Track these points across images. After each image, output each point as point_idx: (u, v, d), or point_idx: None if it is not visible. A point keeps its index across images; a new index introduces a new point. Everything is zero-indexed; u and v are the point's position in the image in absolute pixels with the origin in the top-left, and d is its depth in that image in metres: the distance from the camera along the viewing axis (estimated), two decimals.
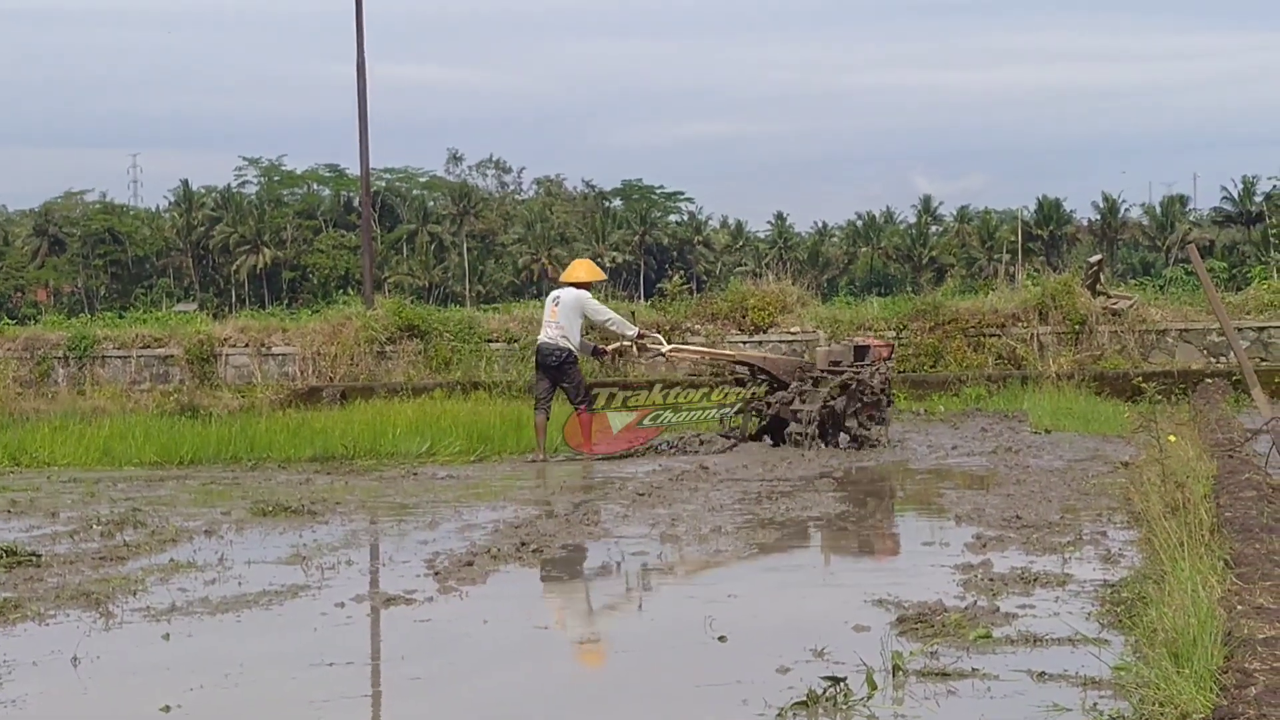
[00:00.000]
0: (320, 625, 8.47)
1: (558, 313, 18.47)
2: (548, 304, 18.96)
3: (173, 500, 14.51)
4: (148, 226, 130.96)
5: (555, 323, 18.44)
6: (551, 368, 18.40)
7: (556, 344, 18.38)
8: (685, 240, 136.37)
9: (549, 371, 18.43)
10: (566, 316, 18.42)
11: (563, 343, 18.37)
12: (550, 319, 18.56)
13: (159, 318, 35.93)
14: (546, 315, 18.73)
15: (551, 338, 18.44)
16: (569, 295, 18.59)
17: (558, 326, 18.41)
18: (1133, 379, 23.86)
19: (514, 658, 7.83)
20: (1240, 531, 8.90)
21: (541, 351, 18.56)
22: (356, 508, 13.69)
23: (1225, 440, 14.83)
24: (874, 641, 7.43)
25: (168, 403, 26.90)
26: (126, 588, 9.55)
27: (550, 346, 18.42)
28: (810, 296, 30.97)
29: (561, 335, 18.39)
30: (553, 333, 18.44)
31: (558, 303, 18.58)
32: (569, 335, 18.41)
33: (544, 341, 18.54)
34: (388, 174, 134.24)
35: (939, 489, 14.64)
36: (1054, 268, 45.65)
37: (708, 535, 11.56)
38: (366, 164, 36.95)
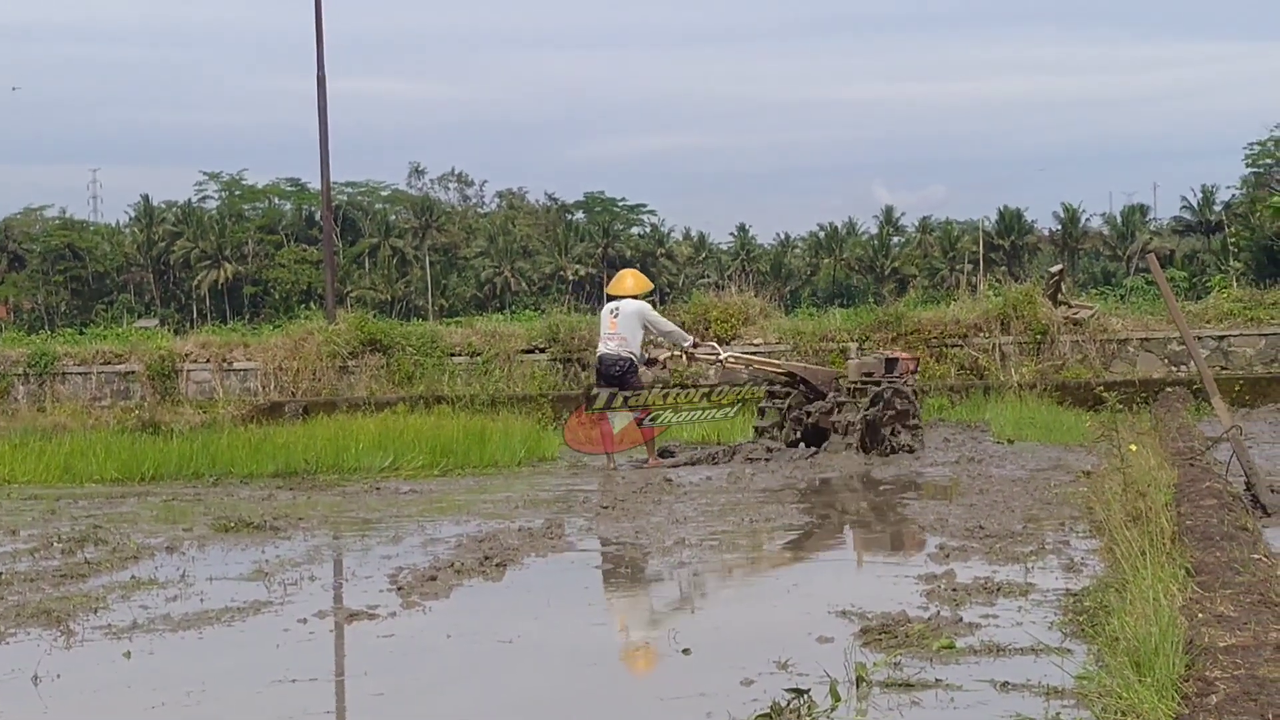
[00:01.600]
0: (283, 641, 8.44)
1: (617, 324, 18.76)
2: (605, 316, 19.15)
3: (134, 517, 14.44)
4: (108, 242, 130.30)
5: (616, 334, 18.73)
6: (615, 378, 18.63)
7: (619, 355, 18.67)
8: (648, 252, 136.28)
9: (611, 382, 18.64)
10: (627, 327, 18.70)
11: (625, 353, 18.66)
12: (610, 330, 18.84)
13: (120, 334, 35.76)
14: (605, 328, 18.98)
15: (613, 349, 18.72)
16: (629, 306, 18.86)
17: (619, 338, 18.69)
18: (1094, 388, 23.96)
19: (478, 672, 7.82)
20: (1201, 540, 8.94)
21: (604, 362, 18.82)
22: (319, 523, 13.65)
23: (1186, 449, 14.89)
24: (838, 653, 7.44)
25: (129, 419, 26.75)
26: (88, 605, 9.51)
27: (613, 357, 18.69)
28: (773, 308, 30.95)
29: (624, 346, 18.67)
30: (614, 344, 18.73)
31: (616, 314, 18.83)
32: (631, 346, 18.70)
33: (606, 353, 18.80)
34: (349, 188, 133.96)
35: (902, 499, 14.68)
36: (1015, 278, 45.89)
37: (671, 548, 11.56)
38: (327, 178, 36.85)
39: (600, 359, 18.95)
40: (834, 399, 19.14)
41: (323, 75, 36.08)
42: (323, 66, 36.09)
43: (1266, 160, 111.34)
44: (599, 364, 19.01)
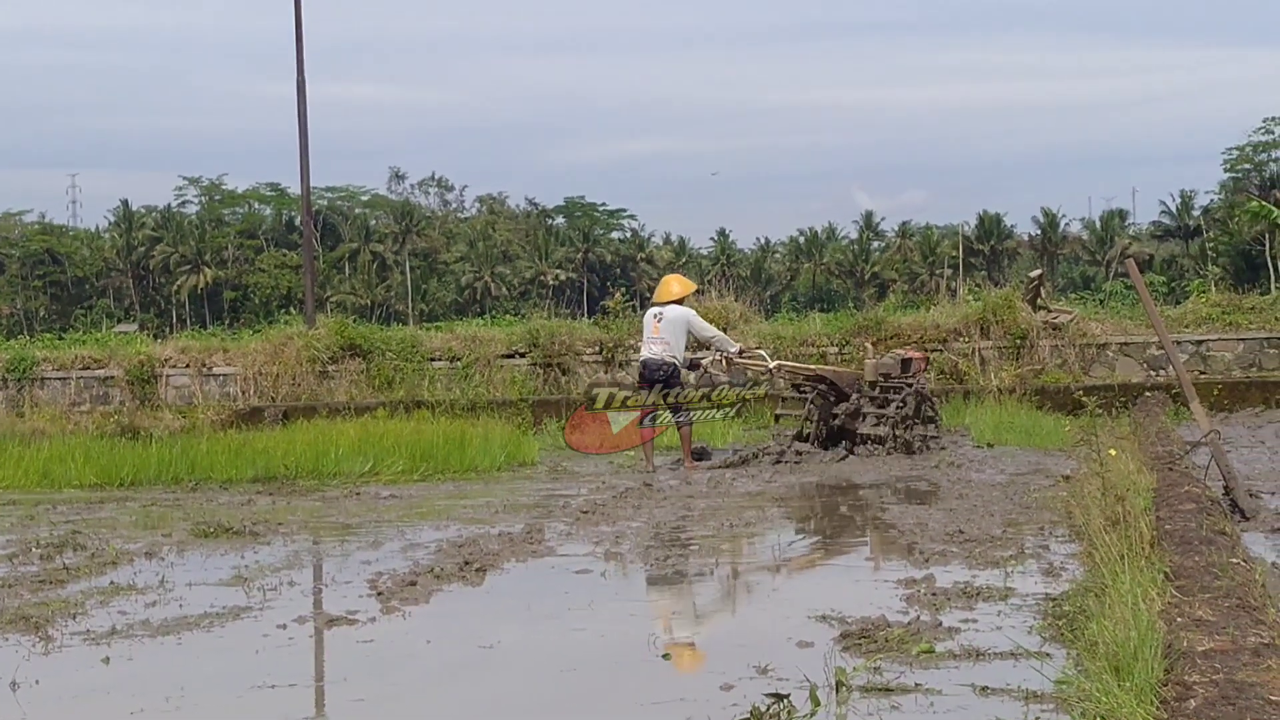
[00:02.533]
0: (262, 647, 8.42)
1: (660, 329, 18.74)
2: (649, 321, 19.07)
3: (113, 522, 14.40)
4: (87, 247, 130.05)
5: (659, 339, 18.70)
6: (659, 383, 18.62)
7: (664, 359, 18.64)
8: (628, 257, 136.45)
9: (655, 385, 18.65)
10: (671, 332, 18.69)
11: (669, 358, 18.63)
12: (653, 335, 18.78)
13: (99, 339, 35.60)
14: (649, 332, 18.91)
15: (657, 353, 18.69)
16: (674, 312, 18.84)
17: (663, 342, 18.67)
18: (1074, 393, 23.98)
19: (458, 678, 7.81)
20: (1180, 544, 8.95)
21: (648, 367, 18.74)
22: (299, 528, 13.62)
23: (1165, 453, 14.91)
24: (817, 657, 7.45)
25: (108, 424, 26.68)
26: (66, 611, 9.48)
27: (657, 362, 18.65)
28: (753, 313, 30.93)
29: (668, 351, 18.65)
30: (658, 349, 18.70)
31: (660, 319, 18.81)
32: (675, 350, 18.69)
33: (650, 357, 18.75)
34: (329, 192, 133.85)
35: (882, 504, 14.67)
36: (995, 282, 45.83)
37: (651, 553, 11.56)
38: (307, 183, 36.81)
39: (644, 363, 18.88)
40: (856, 400, 19.28)
41: (302, 80, 36.04)
42: (302, 71, 36.05)
43: (1244, 165, 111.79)
44: (642, 368, 18.94)
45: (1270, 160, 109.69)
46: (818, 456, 18.75)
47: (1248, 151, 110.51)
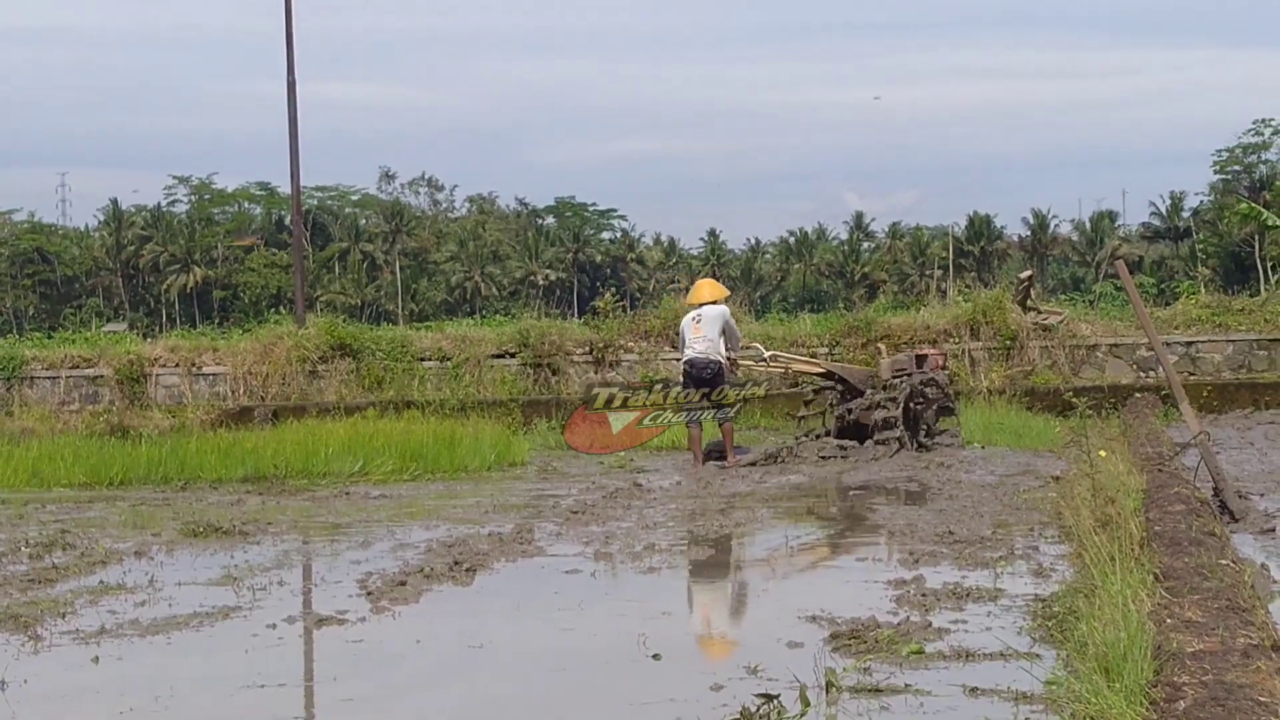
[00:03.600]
0: (252, 646, 8.41)
1: (701, 329, 19.12)
2: (688, 323, 19.44)
3: (102, 522, 14.38)
4: (77, 246, 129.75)
5: (702, 338, 19.11)
6: (706, 380, 18.98)
7: (710, 357, 19.03)
8: (618, 257, 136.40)
9: (701, 384, 19.01)
10: (712, 331, 19.09)
11: (715, 355, 19.05)
12: (695, 336, 19.18)
13: (88, 338, 35.54)
14: (689, 334, 19.29)
15: (703, 352, 19.06)
16: (712, 312, 19.23)
17: (706, 340, 19.09)
18: (1063, 394, 24.01)
19: (447, 678, 7.81)
20: (1170, 545, 8.97)
21: (695, 365, 19.09)
22: (288, 528, 13.61)
23: (1154, 454, 14.94)
24: (807, 658, 7.44)
25: (97, 423, 26.65)
26: (55, 610, 9.46)
27: (704, 360, 19.01)
28: (743, 313, 30.95)
29: (711, 349, 19.06)
30: (702, 347, 19.09)
31: (699, 320, 19.21)
32: (718, 348, 19.08)
33: (696, 356, 19.10)
34: (319, 192, 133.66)
35: (872, 504, 14.69)
36: (985, 283, 45.88)
37: (641, 553, 11.56)
38: (297, 182, 36.75)
39: (690, 363, 19.16)
40: (871, 396, 19.64)
41: (293, 79, 35.98)
42: (293, 70, 36.00)
43: (1234, 167, 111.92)
44: (688, 368, 19.22)
45: (1260, 162, 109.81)
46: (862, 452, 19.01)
47: (1237, 153, 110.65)
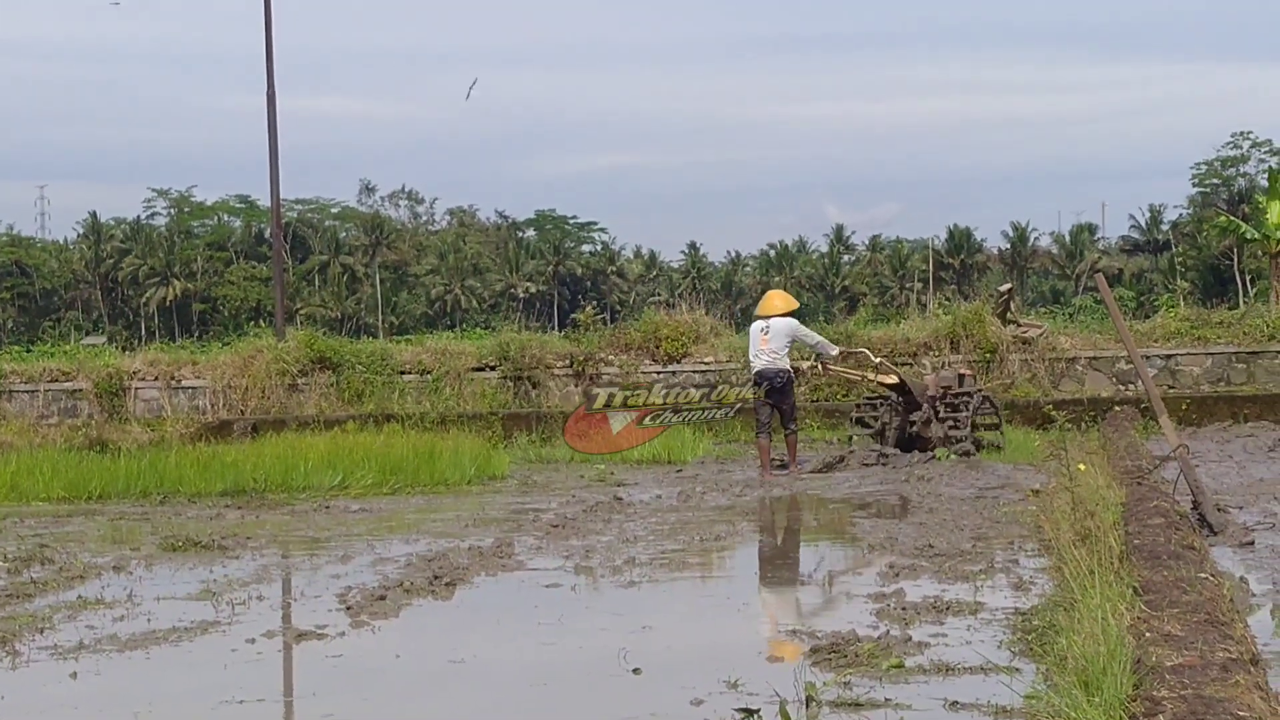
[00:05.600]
0: (231, 662, 8.39)
1: (768, 340, 19.49)
2: (755, 334, 19.79)
3: (81, 536, 14.34)
4: (55, 259, 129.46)
5: (769, 350, 19.49)
6: (777, 390, 19.43)
7: (779, 368, 19.46)
8: (599, 270, 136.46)
9: (772, 394, 19.44)
10: (779, 343, 19.49)
11: (784, 365, 19.51)
12: (762, 347, 19.56)
13: (67, 351, 35.46)
14: (757, 345, 19.69)
15: (771, 362, 19.46)
16: (780, 324, 19.60)
17: (773, 352, 19.47)
18: (1043, 407, 24.08)
19: (427, 692, 7.79)
20: (1149, 559, 8.97)
21: (765, 375, 19.46)
22: (268, 542, 13.59)
23: (1134, 468, 14.96)
24: (787, 672, 7.44)
25: (76, 437, 26.56)
26: (34, 626, 9.43)
27: (773, 370, 19.41)
28: (724, 326, 30.98)
29: (777, 359, 19.47)
30: (770, 358, 19.47)
31: (767, 331, 19.57)
32: (784, 359, 19.45)
33: (765, 367, 19.48)
34: (299, 205, 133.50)
35: (852, 518, 14.69)
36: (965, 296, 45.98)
37: (622, 567, 11.56)
38: (277, 195, 36.73)
39: (759, 373, 19.51)
40: (928, 410, 20.19)
41: (273, 92, 35.99)
42: (273, 84, 36.01)
43: (1213, 180, 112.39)
44: (758, 378, 19.53)
45: (1238, 175, 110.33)
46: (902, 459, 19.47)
47: (1216, 166, 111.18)
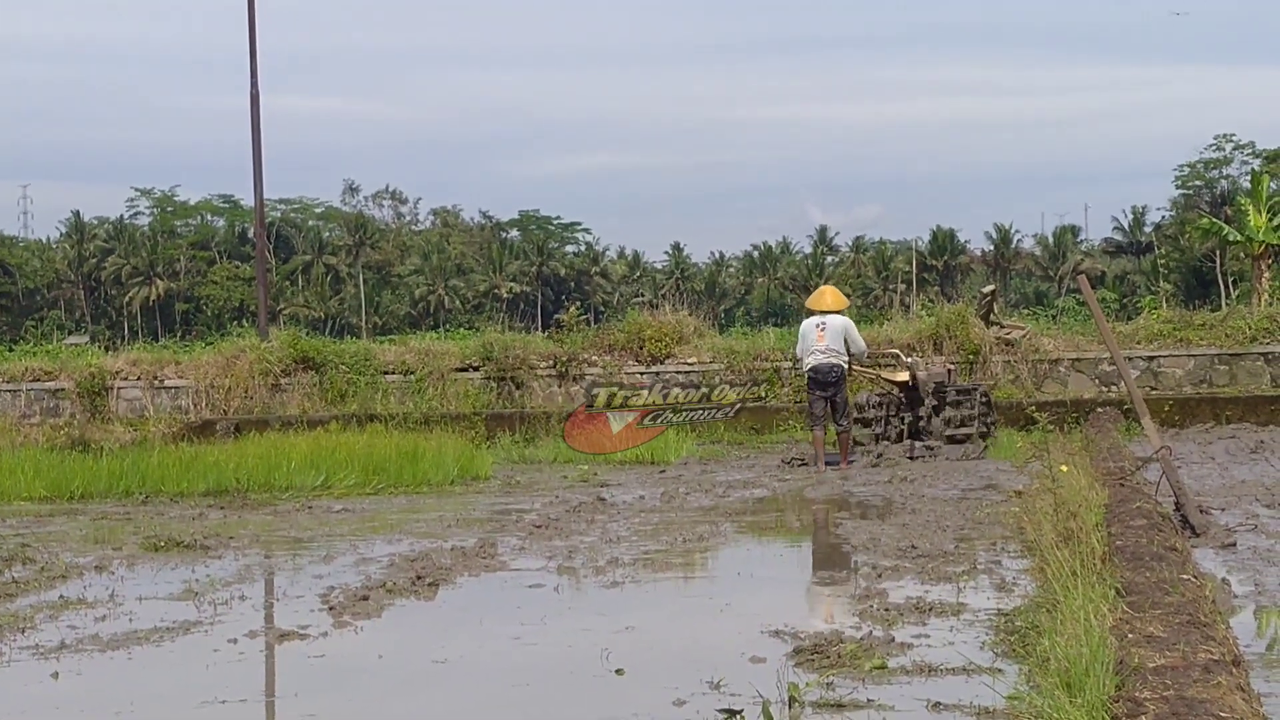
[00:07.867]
0: (213, 662, 8.38)
1: (825, 336, 19.85)
2: (811, 329, 20.10)
3: (63, 536, 14.31)
4: (38, 258, 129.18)
5: (825, 346, 19.88)
6: (831, 384, 19.83)
7: (835, 363, 19.84)
8: (583, 271, 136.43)
9: (826, 389, 19.86)
10: (835, 339, 19.89)
11: (839, 361, 19.88)
12: (818, 343, 19.92)
13: (49, 350, 35.33)
14: (813, 341, 19.99)
15: (824, 359, 19.83)
16: (836, 321, 20.06)
17: (829, 349, 19.86)
18: (1026, 408, 24.08)
19: (410, 692, 7.78)
20: (1131, 560, 8.99)
21: (820, 371, 19.86)
22: (250, 542, 13.56)
23: (1116, 469, 14.98)
24: (770, 673, 7.44)
25: (58, 437, 26.48)
26: (15, 625, 9.42)
27: (828, 366, 19.80)
28: (707, 327, 30.93)
29: (833, 355, 19.84)
30: (823, 355, 19.85)
31: (823, 328, 19.96)
32: (840, 355, 19.92)
33: (821, 363, 19.86)
34: (283, 204, 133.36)
35: (836, 519, 14.70)
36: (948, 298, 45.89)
37: (605, 567, 11.56)
38: (260, 195, 36.67)
39: (815, 369, 19.88)
40: (931, 405, 20.70)
41: (256, 92, 35.91)
42: (256, 83, 35.93)
43: (1196, 182, 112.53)
44: (813, 373, 19.88)
45: (1221, 177, 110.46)
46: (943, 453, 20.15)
47: (1199, 168, 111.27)
